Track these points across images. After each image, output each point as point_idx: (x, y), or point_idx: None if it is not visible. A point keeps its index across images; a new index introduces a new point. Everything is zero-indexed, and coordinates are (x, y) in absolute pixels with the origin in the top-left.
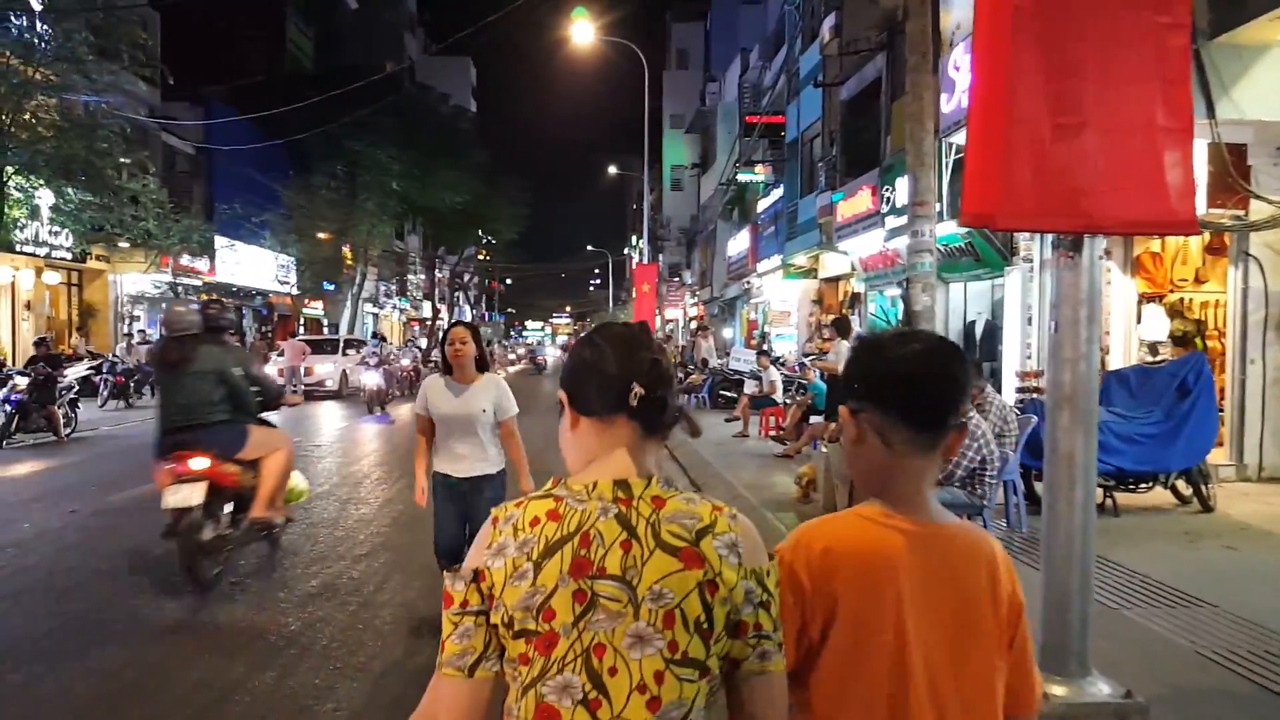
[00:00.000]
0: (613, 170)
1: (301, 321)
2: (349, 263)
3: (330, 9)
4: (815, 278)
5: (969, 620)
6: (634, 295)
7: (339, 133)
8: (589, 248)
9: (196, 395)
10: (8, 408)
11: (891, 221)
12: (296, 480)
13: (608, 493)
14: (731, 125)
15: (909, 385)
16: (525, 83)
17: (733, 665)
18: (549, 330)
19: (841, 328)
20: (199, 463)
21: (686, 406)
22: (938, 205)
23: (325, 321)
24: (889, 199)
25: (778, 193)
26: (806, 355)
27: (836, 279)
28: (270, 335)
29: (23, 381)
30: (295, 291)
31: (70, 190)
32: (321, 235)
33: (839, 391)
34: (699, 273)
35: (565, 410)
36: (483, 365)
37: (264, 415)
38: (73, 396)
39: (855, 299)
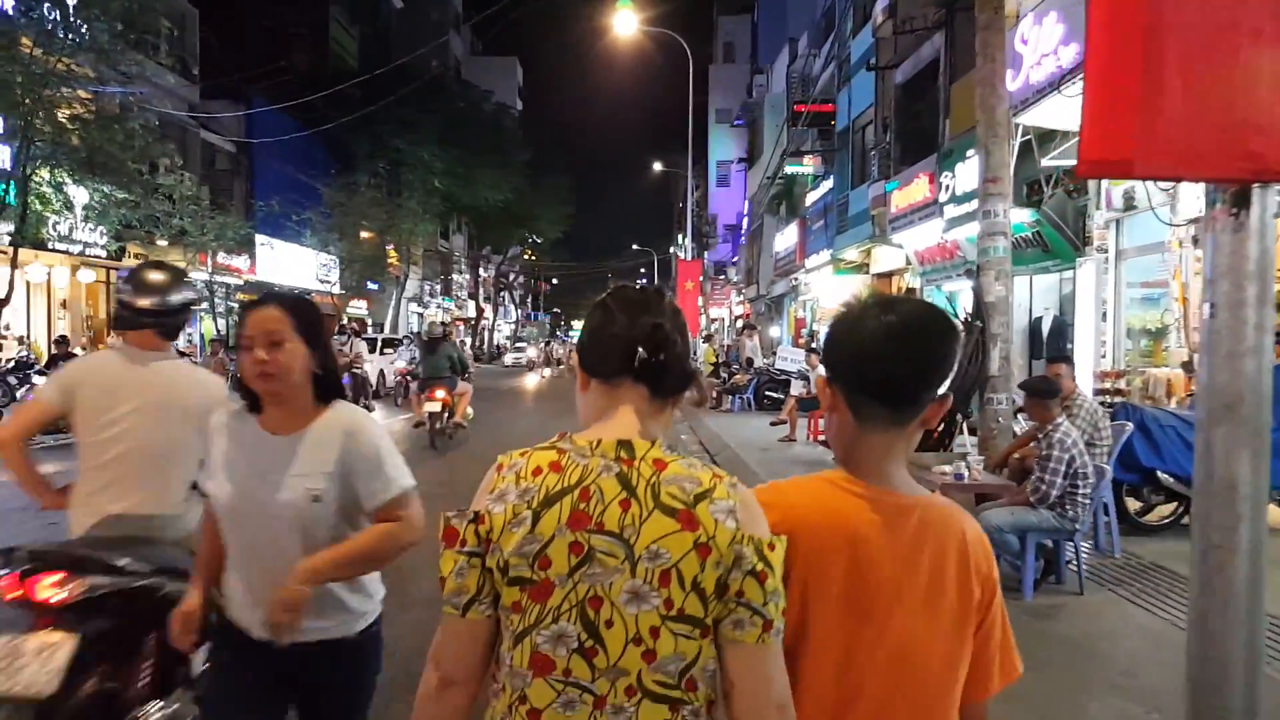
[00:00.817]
0: (658, 167)
1: (345, 321)
2: (393, 262)
3: (375, 9)
4: (867, 273)
5: (929, 595)
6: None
7: (382, 130)
8: (634, 246)
9: (440, 363)
10: None
11: (951, 211)
12: (469, 409)
13: (610, 451)
14: (779, 118)
15: (875, 362)
16: (571, 83)
17: (716, 628)
18: None
19: None
20: (440, 393)
21: (698, 372)
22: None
23: (370, 321)
24: (948, 187)
25: (827, 185)
26: None
27: (889, 274)
28: None
29: (41, 380)
30: (337, 290)
31: (103, 186)
32: (365, 234)
33: None
34: (745, 270)
35: (577, 370)
36: (331, 390)
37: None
38: None
39: (910, 295)
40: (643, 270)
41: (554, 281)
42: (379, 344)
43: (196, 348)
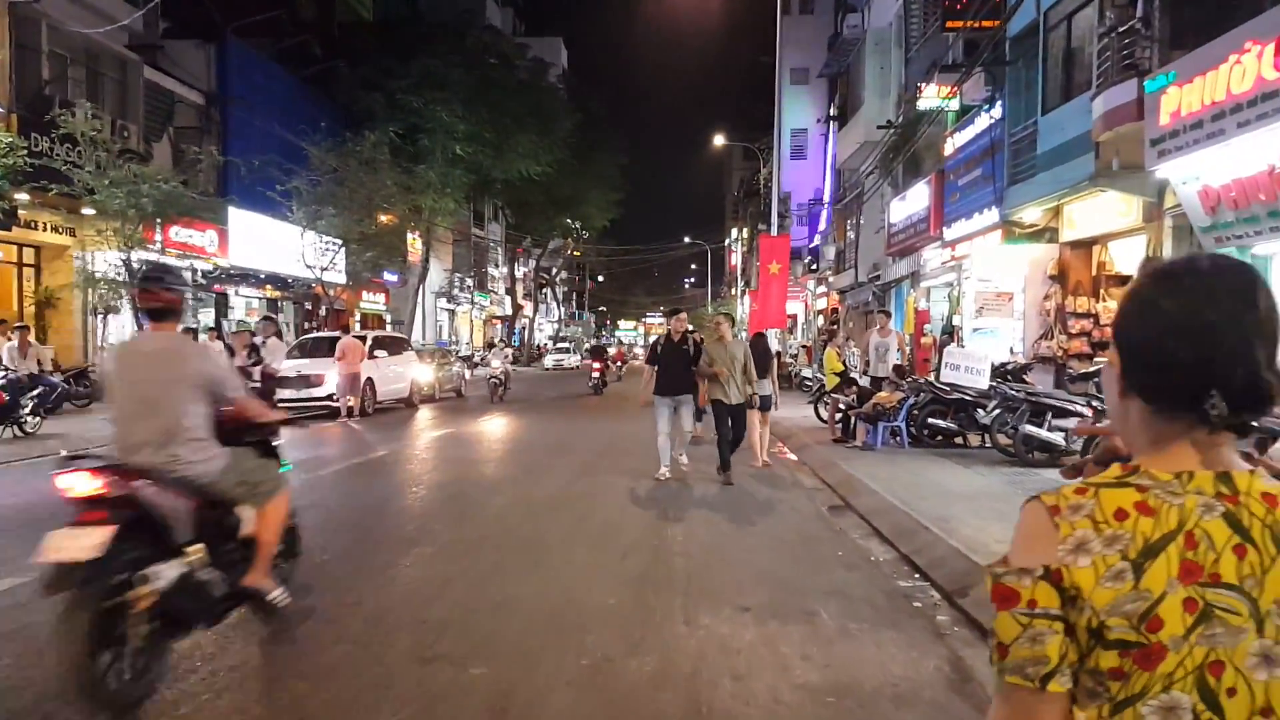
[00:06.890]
0: (719, 141)
1: (358, 317)
2: (412, 247)
3: None
4: (1051, 240)
5: None
6: (740, 288)
7: (395, 87)
8: (686, 239)
9: None
10: None
11: None
12: None
13: (1208, 487)
14: (884, 56)
15: None
16: (618, 64)
17: None
18: (642, 330)
19: None
20: None
21: None
22: None
23: (389, 318)
24: None
25: (988, 118)
26: None
27: (1089, 243)
28: (316, 328)
29: None
30: (330, 279)
31: None
32: (380, 216)
33: None
34: (835, 253)
35: (1115, 374)
36: None
37: None
38: None
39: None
40: (693, 266)
41: (600, 279)
42: (369, 344)
43: None
